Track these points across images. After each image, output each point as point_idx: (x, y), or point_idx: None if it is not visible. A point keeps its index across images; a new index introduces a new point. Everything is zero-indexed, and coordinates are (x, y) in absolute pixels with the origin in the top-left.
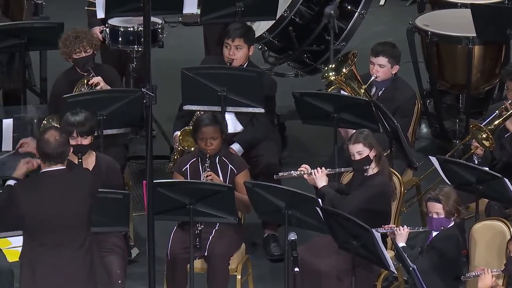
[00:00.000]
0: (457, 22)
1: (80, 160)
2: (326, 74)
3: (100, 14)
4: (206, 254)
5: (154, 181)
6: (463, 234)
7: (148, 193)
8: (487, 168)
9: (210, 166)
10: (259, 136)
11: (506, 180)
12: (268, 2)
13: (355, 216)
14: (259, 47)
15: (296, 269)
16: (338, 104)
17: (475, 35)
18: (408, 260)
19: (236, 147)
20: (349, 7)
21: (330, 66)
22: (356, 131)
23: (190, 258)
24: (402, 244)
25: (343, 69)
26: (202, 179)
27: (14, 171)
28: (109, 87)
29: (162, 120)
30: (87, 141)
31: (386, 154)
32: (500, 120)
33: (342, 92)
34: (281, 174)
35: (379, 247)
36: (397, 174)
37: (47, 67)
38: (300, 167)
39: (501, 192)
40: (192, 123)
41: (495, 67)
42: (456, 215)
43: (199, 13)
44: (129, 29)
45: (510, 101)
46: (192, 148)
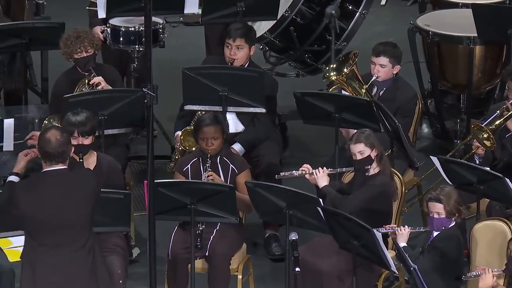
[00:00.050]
0: (458, 22)
1: (81, 160)
2: (327, 74)
3: (101, 14)
4: (207, 254)
5: (155, 181)
6: (464, 234)
7: (149, 193)
8: (488, 168)
9: (211, 166)
10: (260, 136)
11: (507, 180)
12: (269, 2)
13: (356, 216)
14: (260, 47)
15: (297, 269)
16: (339, 104)
17: (476, 35)
18: (409, 260)
19: (237, 147)
20: (350, 7)
21: (331, 66)
22: (357, 131)
23: (191, 258)
24: (403, 244)
25: (344, 69)
26: (203, 179)
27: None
28: (110, 87)
29: (163, 120)
30: (88, 141)
31: (387, 154)
32: (501, 120)
33: (343, 92)
34: (282, 174)
35: (380, 247)
36: (398, 174)
37: (48, 67)
38: (302, 167)
39: (502, 192)
40: (193, 123)
41: (496, 67)
42: (457, 215)
43: (200, 13)
44: (130, 29)
45: (511, 101)
46: (193, 148)
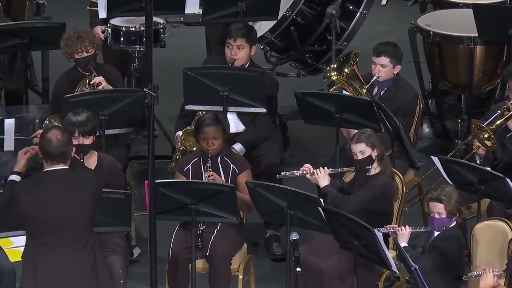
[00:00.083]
0: (459, 22)
1: (82, 160)
2: (328, 74)
3: (102, 14)
4: (208, 254)
5: (156, 181)
6: (465, 234)
7: (150, 193)
8: (489, 168)
9: (212, 166)
10: (261, 136)
11: (508, 180)
12: (270, 2)
13: (357, 216)
14: (261, 47)
15: (298, 269)
16: (340, 104)
17: (477, 35)
18: (410, 260)
19: (238, 147)
20: (351, 7)
21: (332, 66)
22: (358, 130)
23: (192, 258)
24: (404, 244)
25: (345, 69)
26: (204, 179)
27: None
28: (111, 87)
29: (164, 120)
30: (89, 141)
31: (388, 154)
32: (502, 120)
33: (344, 92)
34: (283, 173)
35: (381, 247)
36: (399, 174)
37: (49, 67)
38: (303, 166)
39: (503, 192)
40: (194, 123)
41: (497, 67)
42: (457, 215)
43: (201, 13)
44: (131, 29)
45: None
46: (194, 148)
